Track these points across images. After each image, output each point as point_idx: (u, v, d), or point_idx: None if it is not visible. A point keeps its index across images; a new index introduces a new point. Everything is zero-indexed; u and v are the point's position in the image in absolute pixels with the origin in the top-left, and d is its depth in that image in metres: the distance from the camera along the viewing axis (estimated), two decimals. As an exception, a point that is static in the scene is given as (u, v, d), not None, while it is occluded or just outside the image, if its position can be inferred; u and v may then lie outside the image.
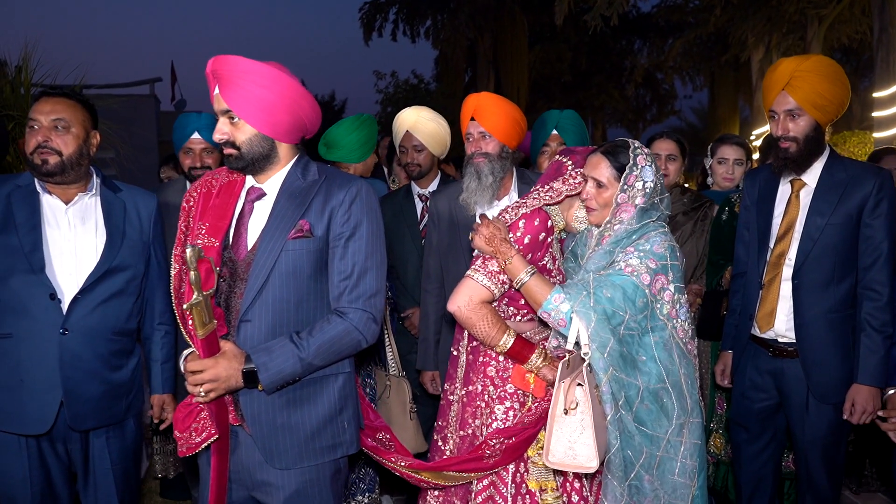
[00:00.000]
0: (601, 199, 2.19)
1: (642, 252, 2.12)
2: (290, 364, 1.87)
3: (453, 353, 2.39)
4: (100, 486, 2.39)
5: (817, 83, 2.50)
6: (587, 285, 2.08)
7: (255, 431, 1.96)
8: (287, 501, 1.99)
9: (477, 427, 2.22)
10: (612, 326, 2.05)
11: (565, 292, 2.06)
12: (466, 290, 2.14)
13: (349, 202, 1.95)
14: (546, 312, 2.08)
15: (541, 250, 2.18)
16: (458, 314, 2.15)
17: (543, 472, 2.13)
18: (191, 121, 3.30)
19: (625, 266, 2.10)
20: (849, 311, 2.58)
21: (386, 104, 19.29)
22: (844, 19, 12.80)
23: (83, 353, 2.29)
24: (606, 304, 2.05)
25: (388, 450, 2.23)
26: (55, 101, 2.32)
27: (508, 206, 2.25)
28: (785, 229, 2.64)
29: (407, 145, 3.41)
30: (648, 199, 2.17)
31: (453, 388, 2.34)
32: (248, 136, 1.94)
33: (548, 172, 2.32)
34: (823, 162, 2.62)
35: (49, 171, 2.28)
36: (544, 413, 2.13)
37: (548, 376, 2.15)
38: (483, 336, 2.14)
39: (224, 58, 1.91)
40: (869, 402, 2.51)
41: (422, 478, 2.16)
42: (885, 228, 2.50)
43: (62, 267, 2.30)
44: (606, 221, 2.20)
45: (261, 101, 1.91)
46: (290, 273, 1.93)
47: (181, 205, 2.08)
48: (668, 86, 24.22)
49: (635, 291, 2.08)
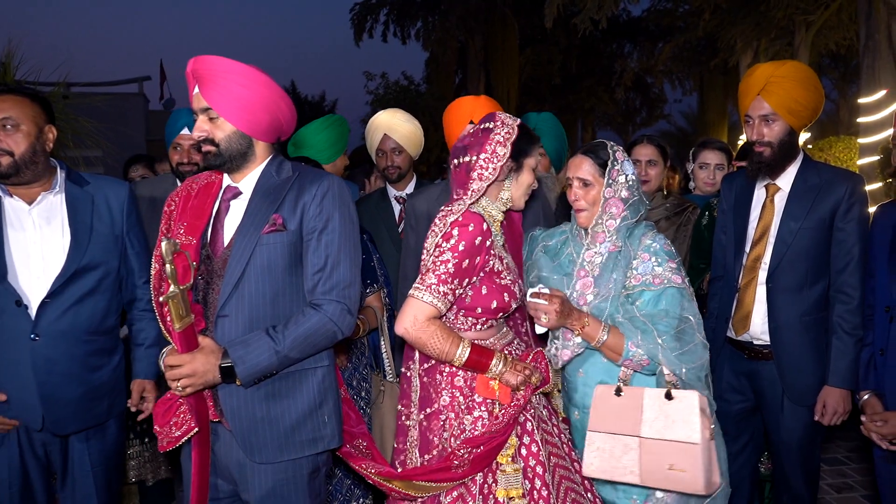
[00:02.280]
0: (589, 198, 2.27)
1: (654, 254, 2.22)
2: (265, 357, 1.89)
3: (405, 371, 2.30)
4: (78, 489, 2.37)
5: (791, 89, 2.53)
6: (646, 325, 2.15)
7: (235, 426, 1.98)
8: (263, 500, 2.01)
9: (446, 440, 2.16)
10: (681, 338, 2.15)
11: (634, 339, 2.13)
12: (411, 310, 2.06)
13: (321, 196, 1.99)
14: (629, 360, 2.16)
15: (480, 254, 2.10)
16: (406, 336, 2.09)
17: (512, 479, 2.09)
18: (181, 116, 3.32)
19: (653, 279, 2.19)
20: (822, 314, 2.61)
21: (376, 105, 19.23)
22: (832, 25, 12.88)
23: (57, 357, 2.26)
24: (668, 329, 2.14)
25: (365, 457, 2.23)
26: (0, 99, 2.22)
27: (437, 219, 2.17)
28: (760, 233, 2.67)
29: (385, 148, 3.41)
30: (633, 192, 2.26)
31: (409, 412, 2.25)
32: (226, 134, 1.99)
33: (458, 179, 2.21)
34: (797, 166, 2.65)
35: (3, 173, 2.22)
36: (512, 420, 2.10)
37: (511, 381, 2.10)
38: (437, 353, 2.08)
39: (204, 58, 1.97)
40: (839, 404, 2.54)
41: (392, 486, 2.13)
42: (857, 233, 2.53)
43: (28, 271, 2.25)
44: (597, 218, 2.28)
45: (240, 100, 1.96)
46: (266, 267, 1.96)
47: (163, 208, 2.11)
48: (657, 90, 24.29)
49: (680, 296, 2.19)
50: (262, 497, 2.01)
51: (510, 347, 2.28)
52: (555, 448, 2.26)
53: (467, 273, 2.09)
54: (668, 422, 2.09)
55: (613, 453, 2.15)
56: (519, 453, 2.15)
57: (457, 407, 2.17)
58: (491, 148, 2.14)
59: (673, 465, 2.05)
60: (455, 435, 2.15)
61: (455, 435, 2.15)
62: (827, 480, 4.03)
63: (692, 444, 2.04)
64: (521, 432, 2.18)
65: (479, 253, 2.10)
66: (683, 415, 2.08)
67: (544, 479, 2.14)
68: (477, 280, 2.14)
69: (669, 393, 2.12)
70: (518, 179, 2.23)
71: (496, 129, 2.17)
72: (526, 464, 2.14)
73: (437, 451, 2.16)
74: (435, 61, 21.57)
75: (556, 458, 2.23)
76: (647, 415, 2.12)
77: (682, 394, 2.11)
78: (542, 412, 2.30)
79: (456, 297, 2.12)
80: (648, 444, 2.10)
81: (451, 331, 2.11)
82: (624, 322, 2.17)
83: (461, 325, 2.20)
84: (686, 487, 2.06)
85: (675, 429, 2.07)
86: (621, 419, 2.15)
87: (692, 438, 2.05)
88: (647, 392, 2.16)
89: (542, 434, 2.23)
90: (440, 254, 2.07)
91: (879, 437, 2.32)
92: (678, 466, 2.05)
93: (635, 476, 2.11)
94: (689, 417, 2.07)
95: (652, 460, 2.08)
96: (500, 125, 2.17)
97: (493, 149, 2.14)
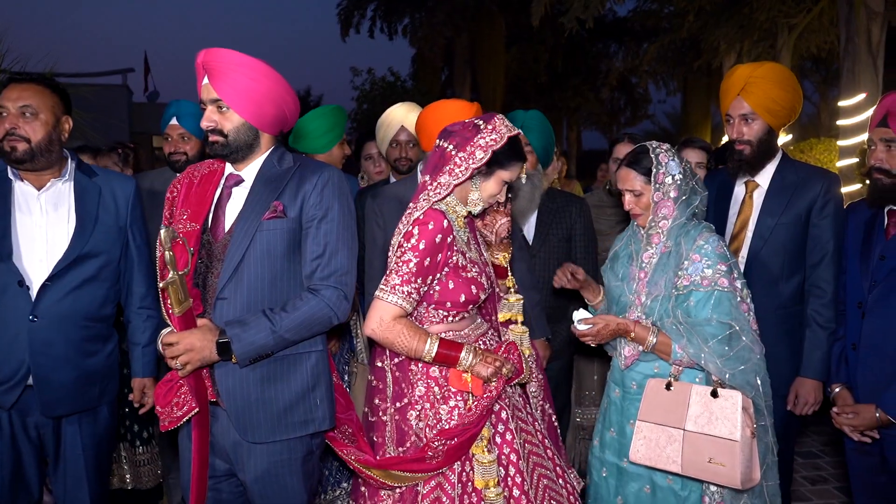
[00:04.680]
0: (642, 205, 2.39)
1: (705, 255, 2.27)
2: (262, 336, 1.95)
3: (378, 364, 2.31)
4: (69, 472, 2.40)
5: (770, 89, 2.60)
6: (691, 330, 2.24)
7: (230, 406, 2.04)
8: (257, 480, 2.07)
9: (420, 429, 2.17)
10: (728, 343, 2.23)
11: (680, 342, 2.24)
12: (377, 311, 2.09)
13: (321, 186, 2.06)
14: (678, 360, 2.27)
15: (442, 251, 2.11)
16: (374, 336, 2.12)
17: (488, 469, 2.12)
18: (171, 107, 3.34)
19: (701, 280, 2.26)
20: (797, 308, 2.68)
21: (362, 101, 19.21)
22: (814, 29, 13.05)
23: (54, 340, 2.30)
24: (715, 333, 2.22)
25: (349, 443, 2.27)
26: (23, 87, 2.31)
27: (403, 216, 2.17)
28: (739, 228, 2.75)
29: (400, 140, 3.45)
30: (682, 189, 2.34)
31: (385, 407, 2.26)
32: (235, 125, 2.05)
33: (431, 161, 2.22)
34: (776, 164, 2.73)
35: (18, 159, 2.29)
36: (485, 412, 2.13)
37: (482, 373, 2.11)
38: (405, 351, 2.11)
39: (216, 50, 2.03)
40: (811, 395, 2.62)
41: (371, 475, 2.16)
42: (832, 229, 2.60)
43: (32, 253, 2.31)
44: (650, 221, 2.37)
45: (250, 93, 2.02)
46: (265, 252, 2.02)
47: (165, 195, 2.17)
48: (642, 90, 24.46)
49: (727, 300, 2.25)
50: (257, 478, 2.07)
51: (485, 338, 2.31)
52: (529, 436, 2.30)
53: (430, 270, 2.11)
54: (712, 418, 2.21)
55: (658, 443, 2.27)
56: (493, 441, 2.19)
57: (431, 397, 2.18)
58: (471, 149, 2.13)
59: (713, 459, 2.18)
60: (430, 425, 2.17)
61: (430, 425, 2.17)
62: (802, 473, 4.13)
63: (733, 441, 2.16)
64: (495, 421, 2.21)
65: (441, 250, 2.11)
66: (727, 412, 2.19)
67: (518, 466, 2.19)
68: (442, 276, 2.16)
69: (715, 391, 2.23)
70: (482, 185, 2.21)
71: (484, 132, 2.15)
72: (500, 451, 2.18)
73: (411, 442, 2.18)
74: (421, 58, 21.58)
75: (530, 446, 2.28)
76: (692, 410, 2.24)
77: (727, 393, 2.22)
78: (517, 400, 2.34)
79: (421, 295, 2.14)
80: (691, 437, 2.23)
81: (418, 328, 2.13)
82: (671, 326, 2.27)
83: (433, 318, 2.22)
84: (724, 481, 2.17)
85: (718, 425, 2.19)
86: (669, 412, 2.27)
87: (733, 436, 2.16)
88: (694, 388, 2.27)
89: (517, 422, 2.28)
90: (402, 254, 2.09)
91: (850, 429, 2.39)
92: (717, 460, 2.17)
93: (677, 465, 2.24)
94: (731, 415, 2.18)
95: (693, 452, 2.21)
96: (491, 131, 2.15)
97: (472, 150, 2.13)
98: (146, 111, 18.05)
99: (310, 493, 2.19)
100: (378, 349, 2.30)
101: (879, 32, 9.05)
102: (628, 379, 2.43)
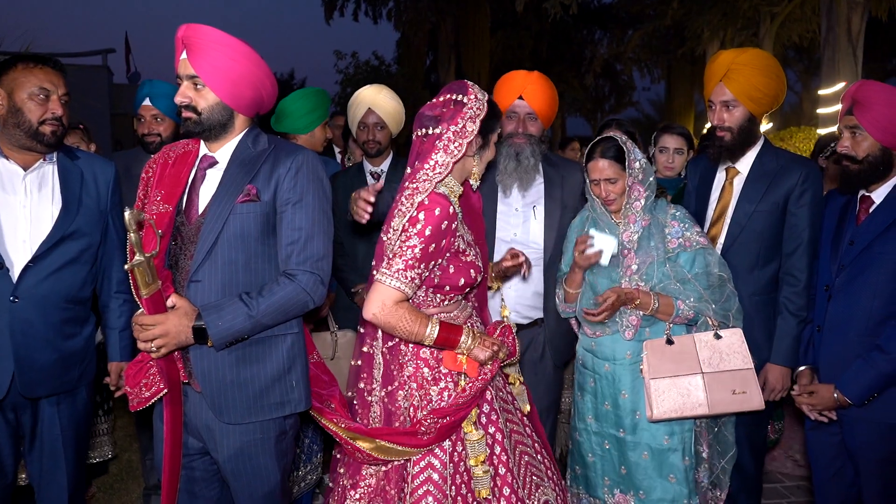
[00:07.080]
0: (618, 190, 2.57)
1: (680, 220, 2.58)
2: (239, 321, 1.94)
3: (364, 349, 2.30)
4: (45, 452, 2.39)
5: (752, 76, 2.61)
6: (686, 286, 2.54)
7: (205, 388, 2.03)
8: (231, 459, 2.07)
9: (406, 409, 2.18)
10: (716, 289, 2.54)
11: (684, 298, 2.52)
12: (378, 295, 2.06)
13: (295, 170, 2.04)
14: (679, 317, 2.53)
15: (447, 237, 2.11)
16: (375, 321, 2.09)
17: (476, 446, 2.14)
18: (143, 87, 3.29)
19: (685, 241, 2.56)
20: (772, 295, 2.70)
21: (346, 85, 19.08)
22: (796, 18, 13.15)
23: (34, 321, 2.29)
24: (703, 283, 2.54)
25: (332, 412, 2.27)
26: (61, 74, 2.39)
27: (403, 197, 2.13)
28: (718, 214, 2.77)
29: (368, 122, 3.43)
30: (647, 171, 2.59)
31: (371, 389, 2.26)
32: (209, 104, 2.02)
33: (412, 152, 2.21)
34: (757, 151, 2.73)
35: (51, 143, 2.35)
36: (478, 393, 2.15)
37: (479, 356, 2.14)
38: (406, 335, 2.10)
39: (197, 26, 2.01)
40: (779, 381, 2.66)
41: (359, 447, 2.15)
42: (809, 217, 2.61)
43: (15, 234, 2.29)
44: (625, 204, 2.58)
45: (228, 73, 2.00)
46: (238, 235, 2.00)
47: (140, 175, 2.15)
48: (626, 77, 24.52)
49: (710, 255, 2.57)
50: (230, 457, 2.07)
51: (471, 320, 2.33)
52: (510, 415, 2.34)
53: (434, 256, 2.10)
54: (723, 356, 2.52)
55: (681, 392, 2.50)
56: (479, 421, 2.21)
57: (420, 378, 2.19)
58: (462, 123, 2.13)
59: (735, 390, 2.48)
60: (415, 405, 2.18)
61: (415, 405, 2.18)
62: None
63: (748, 370, 2.50)
64: (481, 401, 2.24)
65: (446, 236, 2.11)
66: (734, 347, 2.52)
67: (503, 444, 2.22)
68: (444, 261, 2.16)
69: (717, 334, 2.53)
70: (483, 156, 2.26)
71: (469, 103, 2.15)
72: (486, 430, 2.21)
73: (399, 423, 2.18)
74: (406, 42, 21.47)
75: (511, 425, 2.32)
76: (702, 354, 2.52)
77: (729, 332, 2.54)
78: (499, 381, 2.36)
79: (423, 280, 2.13)
80: (711, 377, 2.49)
81: (419, 312, 2.13)
82: (673, 287, 2.52)
83: (431, 302, 2.23)
84: (748, 406, 2.49)
85: (730, 360, 2.51)
86: (680, 363, 2.52)
87: (747, 365, 2.51)
88: (697, 337, 2.55)
89: (500, 402, 2.30)
90: (407, 238, 2.06)
91: (809, 408, 2.45)
92: (739, 389, 2.48)
93: (704, 407, 2.48)
94: (739, 349, 2.52)
95: (717, 389, 2.49)
96: (474, 100, 2.15)
97: (463, 124, 2.13)
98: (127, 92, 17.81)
99: (283, 472, 2.19)
100: (369, 332, 2.29)
101: (860, 22, 9.14)
102: (619, 353, 2.60)
